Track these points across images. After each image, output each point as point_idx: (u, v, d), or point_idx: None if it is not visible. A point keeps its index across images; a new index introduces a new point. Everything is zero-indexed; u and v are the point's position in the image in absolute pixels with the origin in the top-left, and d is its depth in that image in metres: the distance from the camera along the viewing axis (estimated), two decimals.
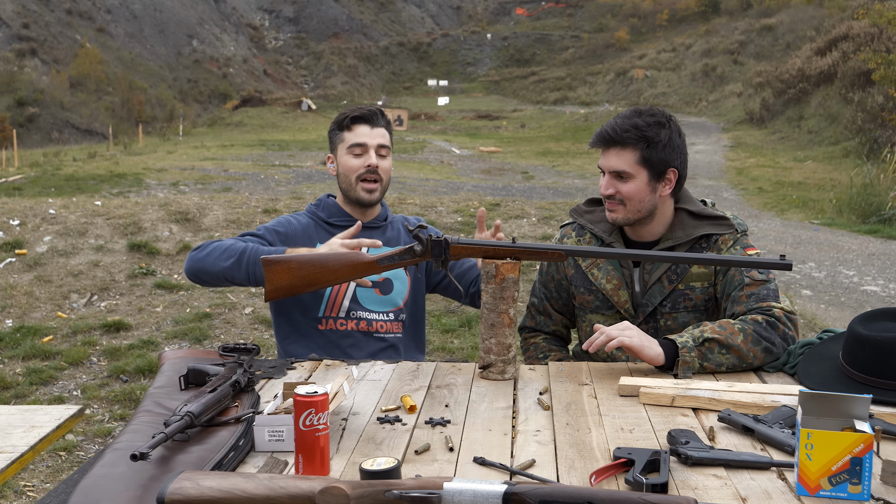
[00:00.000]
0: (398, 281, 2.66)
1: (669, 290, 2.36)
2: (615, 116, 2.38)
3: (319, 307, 2.58)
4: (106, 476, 1.50)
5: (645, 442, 1.71)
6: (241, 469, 1.61)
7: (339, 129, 2.66)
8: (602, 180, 2.38)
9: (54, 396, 4.51)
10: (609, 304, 2.44)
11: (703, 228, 2.36)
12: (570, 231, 2.57)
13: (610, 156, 2.34)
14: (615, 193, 2.34)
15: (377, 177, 2.61)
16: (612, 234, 2.45)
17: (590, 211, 2.55)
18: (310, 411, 1.54)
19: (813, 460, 1.44)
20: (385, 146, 2.64)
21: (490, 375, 2.13)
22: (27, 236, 6.53)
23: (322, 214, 2.68)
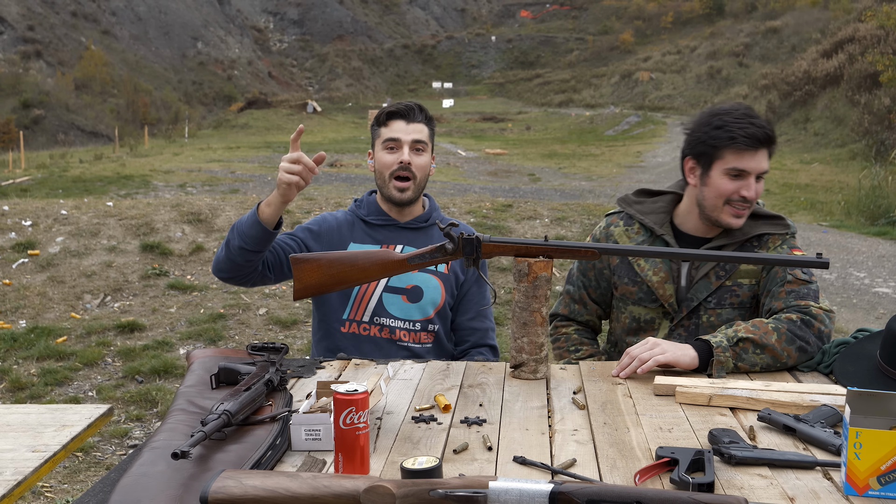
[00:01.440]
0: (430, 289, 2.59)
1: (717, 287, 2.34)
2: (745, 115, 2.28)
3: (345, 308, 2.55)
4: (146, 475, 1.48)
5: (686, 441, 1.69)
6: (278, 468, 1.60)
7: (377, 125, 2.62)
8: (740, 183, 2.27)
9: (69, 397, 4.50)
10: (653, 296, 2.41)
11: (760, 228, 2.35)
12: (618, 220, 2.52)
13: (760, 156, 2.26)
14: (756, 195, 2.28)
15: (409, 174, 2.54)
16: (664, 226, 2.42)
17: (639, 202, 2.51)
18: (350, 409, 1.52)
19: (862, 459, 1.42)
20: (421, 141, 2.56)
21: (522, 375, 2.11)
22: (39, 237, 6.53)
23: (362, 212, 2.64)
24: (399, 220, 2.61)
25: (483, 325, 2.69)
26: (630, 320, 2.48)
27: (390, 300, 2.55)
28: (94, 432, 1.97)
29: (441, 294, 2.60)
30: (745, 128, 2.24)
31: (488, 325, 2.72)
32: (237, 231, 2.33)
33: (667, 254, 2.21)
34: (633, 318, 2.47)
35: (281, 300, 5.81)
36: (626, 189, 15.93)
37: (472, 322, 2.68)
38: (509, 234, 6.77)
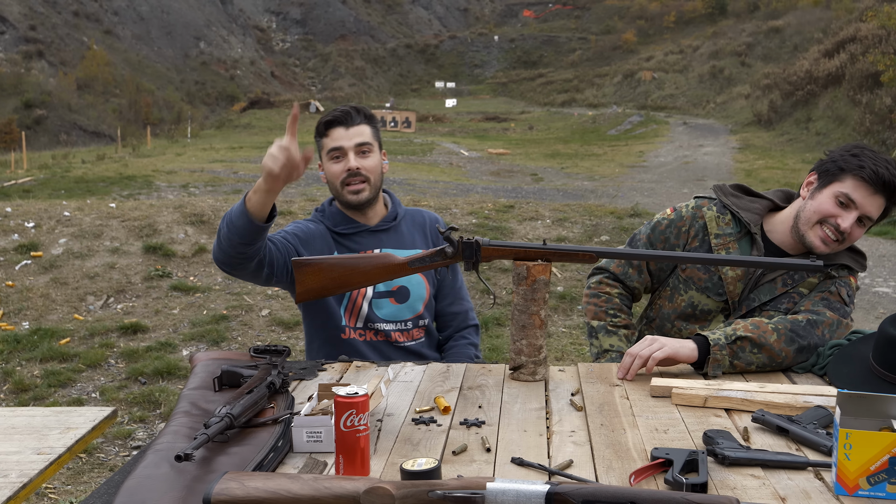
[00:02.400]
0: (414, 285, 2.60)
1: (781, 293, 2.36)
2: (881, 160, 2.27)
3: (341, 316, 2.55)
4: (150, 477, 1.51)
5: (680, 442, 1.72)
6: (280, 470, 1.63)
7: (319, 136, 2.57)
8: (841, 213, 2.27)
9: (73, 399, 4.53)
10: (720, 289, 2.41)
11: (843, 258, 2.35)
12: (711, 205, 2.49)
13: (875, 200, 2.25)
14: (847, 231, 2.27)
15: (362, 177, 2.51)
16: (757, 226, 2.42)
17: (736, 196, 2.49)
18: (351, 412, 1.55)
19: (851, 460, 1.45)
20: (365, 143, 2.52)
21: (521, 377, 2.14)
22: (42, 238, 6.56)
23: (328, 223, 2.60)
24: (367, 223, 2.59)
25: (462, 307, 2.75)
26: (687, 304, 2.47)
27: (380, 305, 2.56)
28: (98, 434, 2.00)
29: (426, 288, 2.63)
30: (877, 165, 2.24)
31: (467, 305, 2.77)
32: (227, 221, 2.25)
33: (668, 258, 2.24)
34: (691, 304, 2.47)
35: (284, 301, 5.84)
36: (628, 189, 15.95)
37: (452, 307, 2.73)
38: (511, 235, 6.79)
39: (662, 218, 2.54)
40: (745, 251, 2.40)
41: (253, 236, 2.23)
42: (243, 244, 2.24)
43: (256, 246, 2.28)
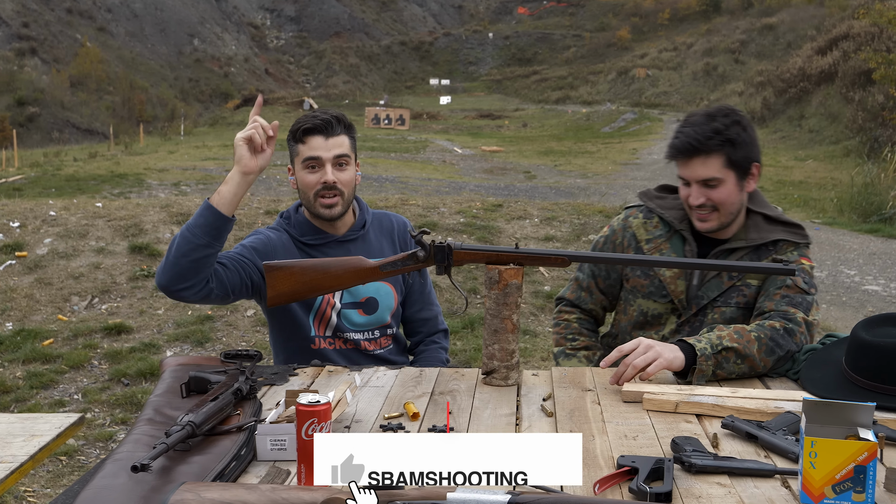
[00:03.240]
0: (383, 296, 2.56)
1: (728, 287, 2.35)
2: (686, 124, 2.32)
3: (310, 324, 2.50)
4: (107, 487, 1.49)
5: (649, 449, 1.70)
6: (242, 479, 1.61)
7: (294, 141, 2.47)
8: (687, 191, 2.33)
9: (55, 400, 4.50)
10: (663, 291, 2.42)
11: (778, 233, 2.35)
12: (637, 212, 2.52)
13: (694, 165, 2.29)
14: (706, 201, 2.30)
15: (337, 191, 2.43)
16: (683, 221, 2.42)
17: (661, 197, 2.51)
18: (312, 421, 1.53)
19: (817, 468, 1.44)
20: (344, 155, 2.44)
21: (493, 381, 2.12)
22: (27, 238, 6.53)
23: (294, 232, 2.52)
24: (335, 233, 2.52)
25: (431, 312, 2.72)
26: (638, 313, 2.48)
27: (348, 315, 2.52)
28: (63, 442, 1.97)
29: (394, 298, 2.60)
30: (676, 138, 2.31)
31: (436, 311, 2.74)
32: (181, 231, 2.20)
33: (638, 261, 2.23)
34: (641, 312, 2.48)
35: None
36: (620, 186, 15.95)
37: (421, 313, 2.70)
38: (499, 234, 6.77)
39: (600, 237, 2.58)
40: (678, 248, 2.41)
41: (216, 233, 2.18)
42: (203, 246, 2.17)
43: (214, 248, 2.21)
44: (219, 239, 2.21)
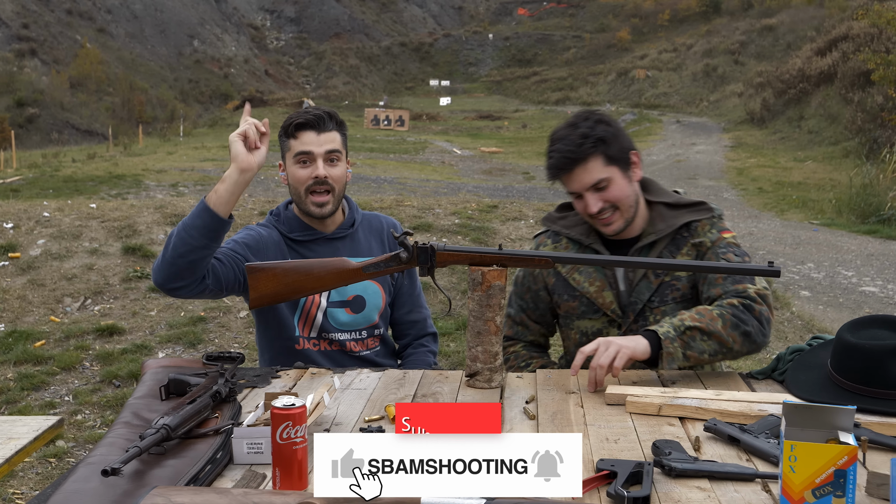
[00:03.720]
0: (370, 294, 2.55)
1: (657, 285, 2.34)
2: (555, 141, 2.32)
3: (294, 326, 2.49)
4: (77, 492, 1.47)
5: (629, 453, 1.69)
6: (218, 482, 1.59)
7: (286, 136, 2.47)
8: (582, 202, 2.32)
9: (46, 402, 4.48)
10: (594, 307, 2.41)
11: (684, 217, 2.35)
12: (546, 239, 2.52)
13: (578, 175, 2.29)
14: (604, 204, 2.30)
15: (328, 187, 2.43)
16: (590, 235, 2.42)
17: (563, 216, 2.51)
18: (287, 424, 1.52)
19: (797, 472, 1.42)
20: (335, 151, 2.44)
21: (477, 384, 2.10)
22: (21, 239, 6.50)
23: (283, 228, 2.52)
24: (324, 231, 2.52)
25: (420, 315, 2.70)
26: (579, 335, 2.47)
27: (334, 314, 2.51)
28: (41, 445, 1.96)
29: (382, 298, 2.58)
30: (550, 158, 2.32)
31: (425, 313, 2.72)
32: (178, 229, 2.20)
33: (617, 262, 2.21)
34: (582, 333, 2.46)
35: None
36: None
37: (410, 315, 2.68)
38: (493, 235, 6.75)
39: (518, 271, 2.58)
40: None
41: (213, 235, 2.18)
42: (200, 248, 2.18)
43: (211, 249, 2.22)
44: (216, 240, 2.21)
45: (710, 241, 2.33)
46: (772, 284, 2.79)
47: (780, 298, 7.01)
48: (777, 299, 6.90)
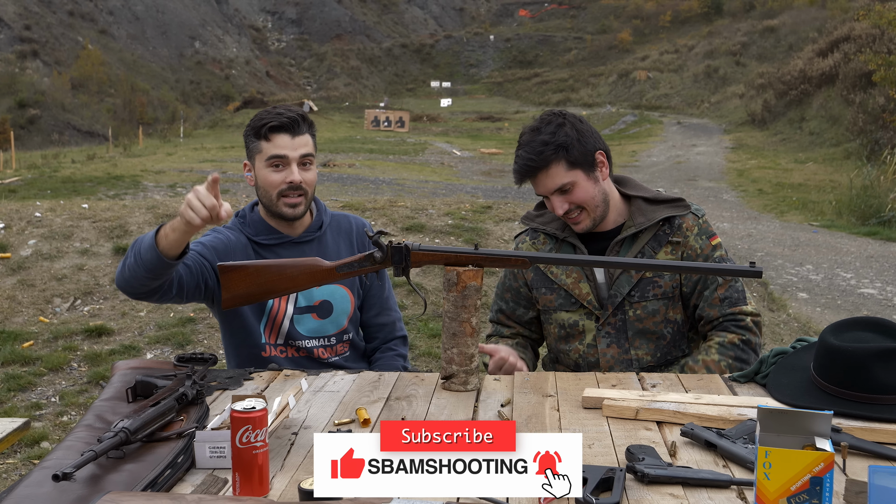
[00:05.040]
0: (338, 299, 2.50)
1: (637, 280, 2.35)
2: (520, 146, 2.35)
3: (260, 333, 2.44)
4: (29, 497, 1.43)
5: (602, 458, 1.64)
6: (178, 487, 1.55)
7: (256, 137, 2.39)
8: (550, 203, 2.36)
9: (32, 403, 4.44)
10: (572, 299, 2.42)
11: (662, 211, 2.37)
12: (525, 237, 2.57)
13: (541, 180, 2.33)
14: (570, 206, 2.33)
15: (301, 191, 2.39)
16: (566, 229, 2.44)
17: (540, 214, 2.53)
18: (246, 428, 1.47)
19: (771, 480, 1.37)
20: (308, 155, 2.40)
21: (452, 386, 2.06)
22: (12, 240, 6.46)
23: (249, 231, 2.46)
24: (291, 234, 2.47)
25: (389, 318, 2.65)
26: (558, 329, 2.47)
27: (301, 321, 2.46)
28: (5, 447, 1.92)
29: (350, 302, 2.53)
30: (515, 163, 2.36)
31: (394, 316, 2.67)
32: (135, 251, 2.14)
33: (598, 263, 2.18)
34: (560, 325, 2.46)
35: None
36: None
37: (378, 318, 2.63)
38: (487, 236, 6.71)
39: (501, 273, 2.62)
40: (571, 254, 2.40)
41: (161, 272, 2.12)
42: (149, 278, 2.14)
43: (163, 280, 2.17)
44: (168, 272, 2.15)
45: (700, 248, 2.35)
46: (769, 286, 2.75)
47: (777, 300, 6.96)
48: (773, 301, 6.85)
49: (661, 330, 2.36)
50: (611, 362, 2.37)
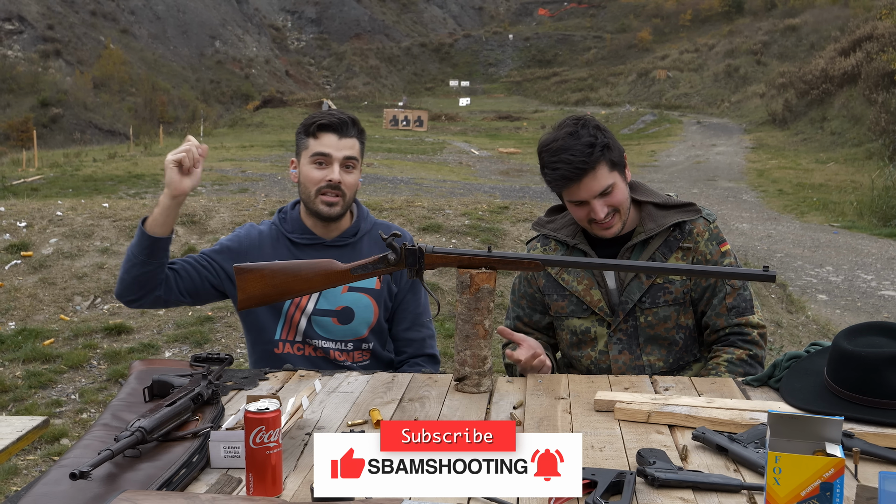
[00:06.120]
0: (361, 308, 2.50)
1: (648, 286, 2.34)
2: (557, 151, 2.28)
3: (276, 329, 2.47)
4: (47, 495, 1.45)
5: (614, 461, 1.64)
6: (193, 486, 1.57)
7: (305, 135, 2.45)
8: (584, 209, 2.30)
9: (52, 400, 4.50)
10: (583, 306, 2.41)
11: (673, 217, 2.35)
12: (536, 243, 2.55)
13: (587, 184, 2.26)
14: (609, 209, 2.29)
15: (339, 192, 2.41)
16: (577, 235, 2.43)
17: (551, 220, 2.53)
18: (260, 429, 1.49)
19: (781, 485, 1.37)
20: (352, 158, 2.43)
21: (465, 388, 2.07)
22: (33, 238, 6.54)
23: (286, 227, 2.52)
24: (325, 237, 2.50)
25: (420, 334, 2.63)
26: (569, 335, 2.47)
27: (320, 322, 2.48)
28: (25, 445, 1.95)
29: (374, 312, 2.52)
30: (557, 169, 2.27)
31: (425, 333, 2.65)
32: (128, 247, 2.32)
33: (610, 266, 2.18)
34: (572, 332, 2.46)
35: None
36: None
37: (408, 332, 2.62)
38: (503, 236, 6.71)
39: (515, 278, 2.60)
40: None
41: (151, 252, 2.28)
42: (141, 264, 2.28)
43: (152, 266, 2.29)
44: (154, 257, 2.28)
45: (709, 254, 2.33)
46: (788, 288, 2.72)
47: (796, 302, 6.92)
48: (792, 303, 6.81)
49: (672, 336, 2.36)
50: (622, 368, 2.37)
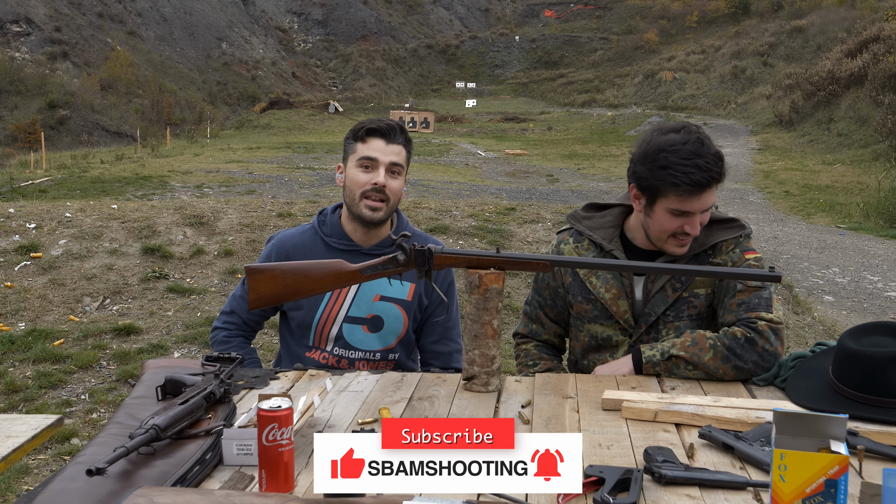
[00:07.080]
0: (391, 318, 2.53)
1: (674, 299, 2.31)
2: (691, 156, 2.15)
3: (309, 336, 2.53)
4: (63, 491, 1.48)
5: (621, 459, 1.67)
6: (206, 483, 1.59)
7: (354, 139, 2.49)
8: (679, 221, 2.20)
9: (62, 400, 4.53)
10: (608, 314, 2.38)
11: (715, 236, 2.30)
12: (568, 237, 2.48)
13: (706, 196, 2.18)
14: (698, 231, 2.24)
15: (384, 196, 2.44)
16: (613, 241, 2.37)
17: (588, 217, 2.46)
18: (272, 426, 1.51)
19: (786, 482, 1.39)
20: (398, 164, 2.46)
21: (474, 387, 2.09)
22: (43, 240, 6.58)
23: (325, 231, 2.56)
24: (363, 244, 2.52)
25: (447, 348, 2.64)
26: (589, 338, 2.45)
27: (350, 331, 2.51)
28: (38, 444, 1.97)
29: (403, 323, 2.55)
30: (689, 173, 2.13)
31: (453, 347, 2.65)
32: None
33: (619, 266, 2.19)
34: (592, 336, 2.44)
35: None
36: None
37: (436, 345, 2.63)
38: (510, 238, 6.73)
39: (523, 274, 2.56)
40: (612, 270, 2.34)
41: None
42: None
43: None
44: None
45: (731, 262, 2.28)
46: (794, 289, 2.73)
47: (802, 303, 6.92)
48: (798, 304, 6.81)
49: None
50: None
